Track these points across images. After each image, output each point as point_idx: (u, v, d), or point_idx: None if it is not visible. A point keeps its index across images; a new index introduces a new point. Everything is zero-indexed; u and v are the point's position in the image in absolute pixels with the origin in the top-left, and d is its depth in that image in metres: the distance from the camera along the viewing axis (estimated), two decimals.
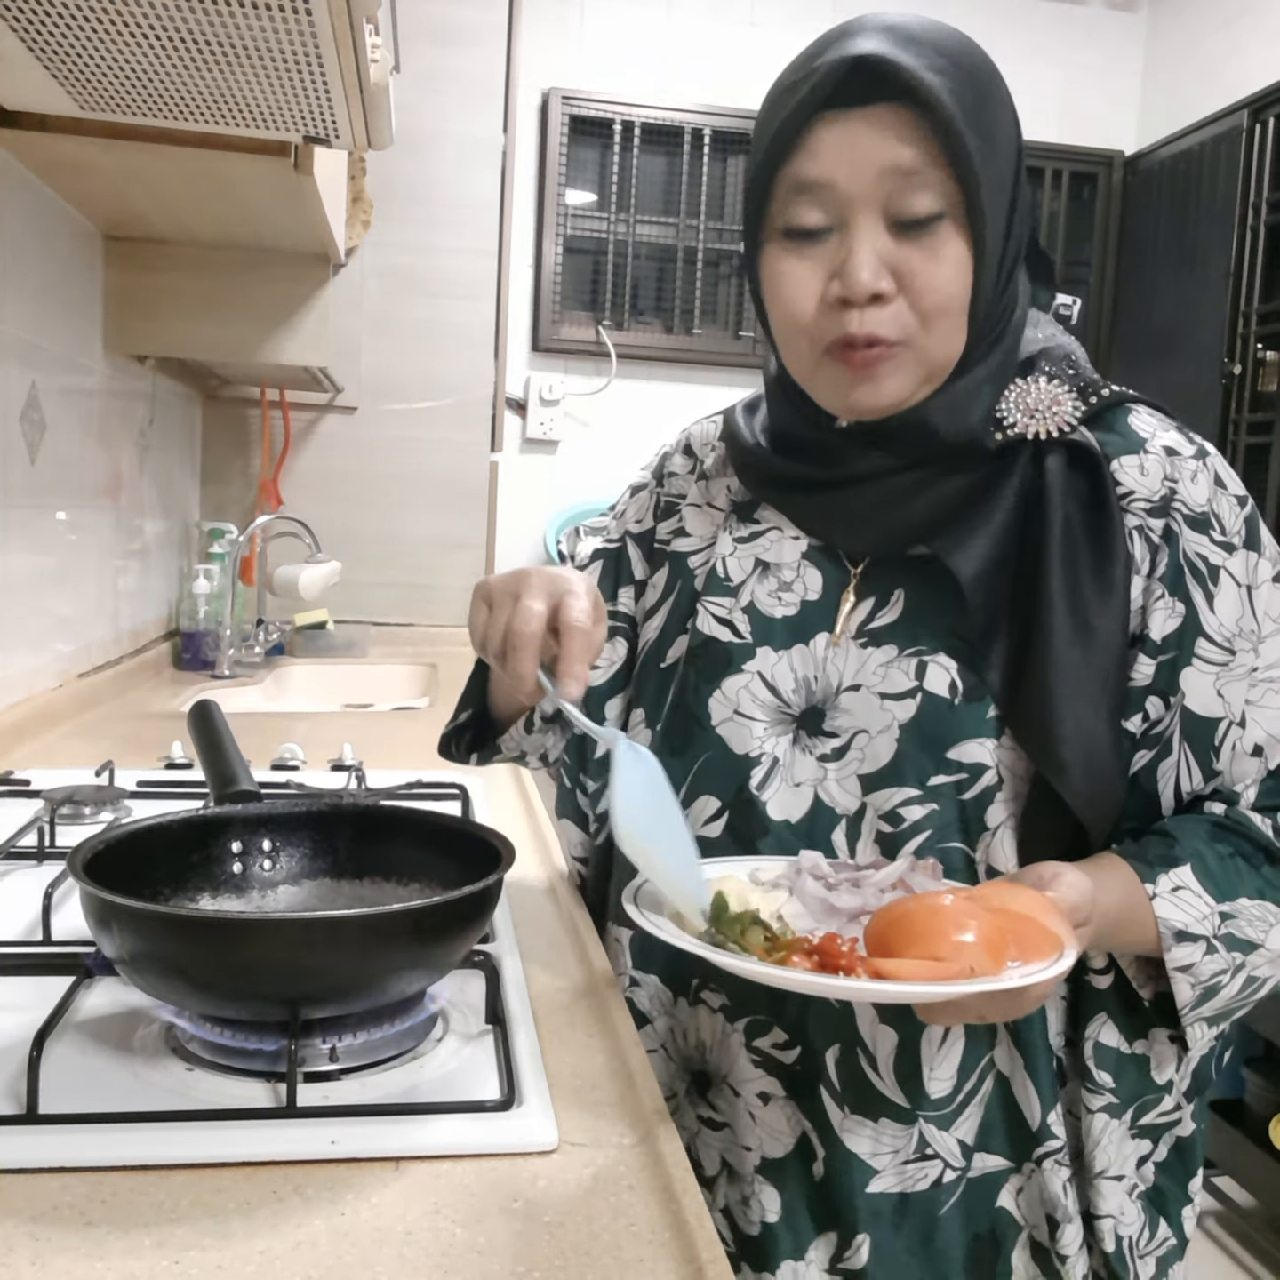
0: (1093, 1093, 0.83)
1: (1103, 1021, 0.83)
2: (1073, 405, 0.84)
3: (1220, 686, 0.81)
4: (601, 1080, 0.74)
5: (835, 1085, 0.83)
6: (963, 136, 0.76)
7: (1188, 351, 3.15)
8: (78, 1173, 0.61)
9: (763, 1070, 0.86)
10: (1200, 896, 0.77)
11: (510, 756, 1.02)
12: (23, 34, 1.12)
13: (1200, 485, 0.82)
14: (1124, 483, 0.82)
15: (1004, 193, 0.80)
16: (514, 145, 2.91)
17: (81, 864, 0.72)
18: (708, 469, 0.99)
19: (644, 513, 1.02)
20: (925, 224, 0.78)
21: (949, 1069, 0.82)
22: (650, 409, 3.29)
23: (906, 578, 0.86)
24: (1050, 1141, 0.82)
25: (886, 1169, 0.82)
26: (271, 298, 2.11)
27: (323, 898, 0.88)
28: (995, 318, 0.83)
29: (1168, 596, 0.80)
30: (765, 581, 0.91)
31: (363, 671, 2.67)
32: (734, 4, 3.25)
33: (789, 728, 0.87)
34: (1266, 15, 3.03)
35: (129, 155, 1.49)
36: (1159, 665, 0.80)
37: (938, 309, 0.79)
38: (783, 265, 0.82)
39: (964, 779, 0.81)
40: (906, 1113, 0.82)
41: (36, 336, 1.68)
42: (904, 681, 0.83)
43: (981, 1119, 0.83)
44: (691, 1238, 0.59)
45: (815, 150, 0.79)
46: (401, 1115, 0.67)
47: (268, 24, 1.06)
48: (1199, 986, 0.78)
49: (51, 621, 1.81)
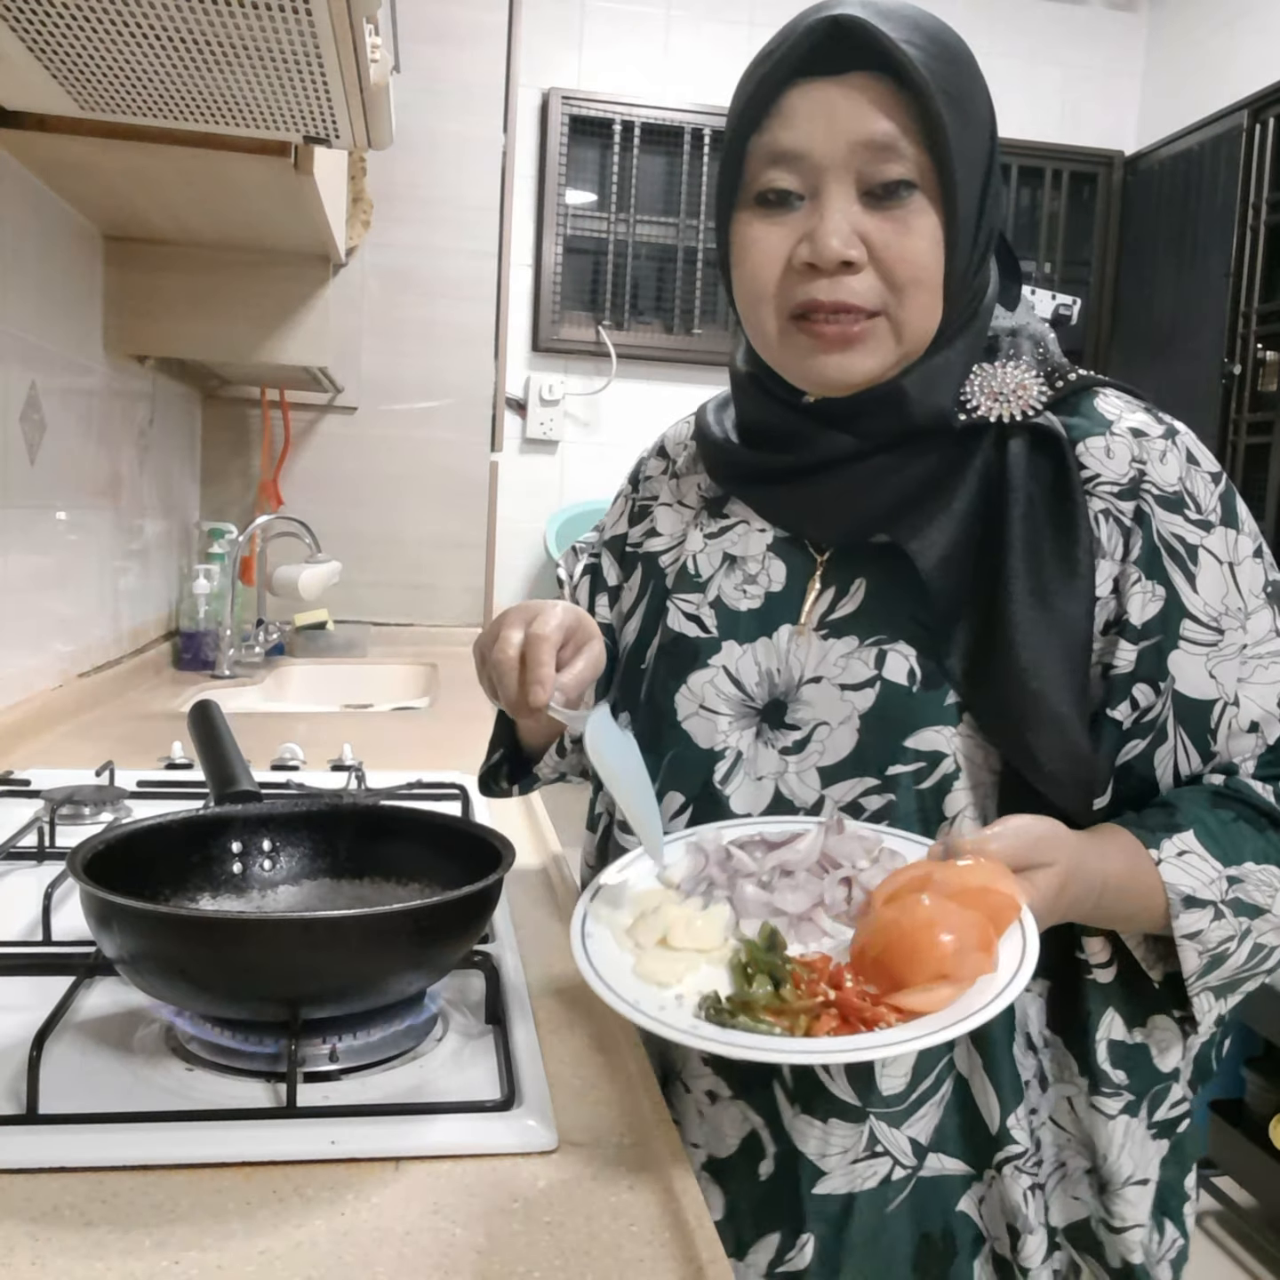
0: (1110, 1096, 0.81)
1: (1111, 1019, 0.82)
2: (1038, 390, 0.83)
3: (1212, 667, 0.80)
4: (601, 1080, 0.74)
5: (788, 1081, 0.82)
6: (938, 109, 0.76)
7: (1188, 351, 3.15)
8: (78, 1173, 0.61)
9: (711, 1069, 0.84)
10: (1206, 861, 0.76)
11: (552, 780, 1.03)
12: (23, 34, 1.12)
13: (1170, 465, 0.81)
14: (1089, 465, 0.81)
15: (977, 172, 0.80)
16: (514, 145, 2.91)
17: (81, 864, 0.72)
18: (679, 468, 0.99)
19: (618, 518, 1.03)
20: (897, 194, 0.77)
21: (902, 1066, 0.80)
22: (650, 409, 3.29)
23: (868, 566, 0.85)
24: (1010, 1146, 0.80)
25: (835, 1170, 0.81)
26: (271, 298, 2.11)
27: (323, 898, 0.88)
28: (969, 297, 0.83)
29: (1144, 579, 0.79)
30: (732, 575, 0.90)
31: (363, 671, 2.67)
32: (734, 4, 3.25)
33: (753, 721, 0.86)
34: (1266, 15, 3.03)
35: (129, 155, 1.49)
36: (1142, 651, 0.79)
37: (910, 280, 0.78)
38: (753, 232, 0.81)
39: (922, 768, 0.80)
40: (857, 1110, 0.80)
41: (36, 336, 1.68)
42: (864, 671, 0.82)
43: (939, 1120, 0.81)
44: (691, 1238, 0.59)
45: (790, 118, 0.78)
46: (401, 1115, 0.67)
47: (268, 24, 1.06)
48: (1206, 954, 0.76)
49: (51, 621, 1.81)
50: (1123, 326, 3.47)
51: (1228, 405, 2.97)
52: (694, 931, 0.71)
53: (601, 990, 0.65)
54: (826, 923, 0.72)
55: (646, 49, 3.25)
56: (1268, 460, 2.84)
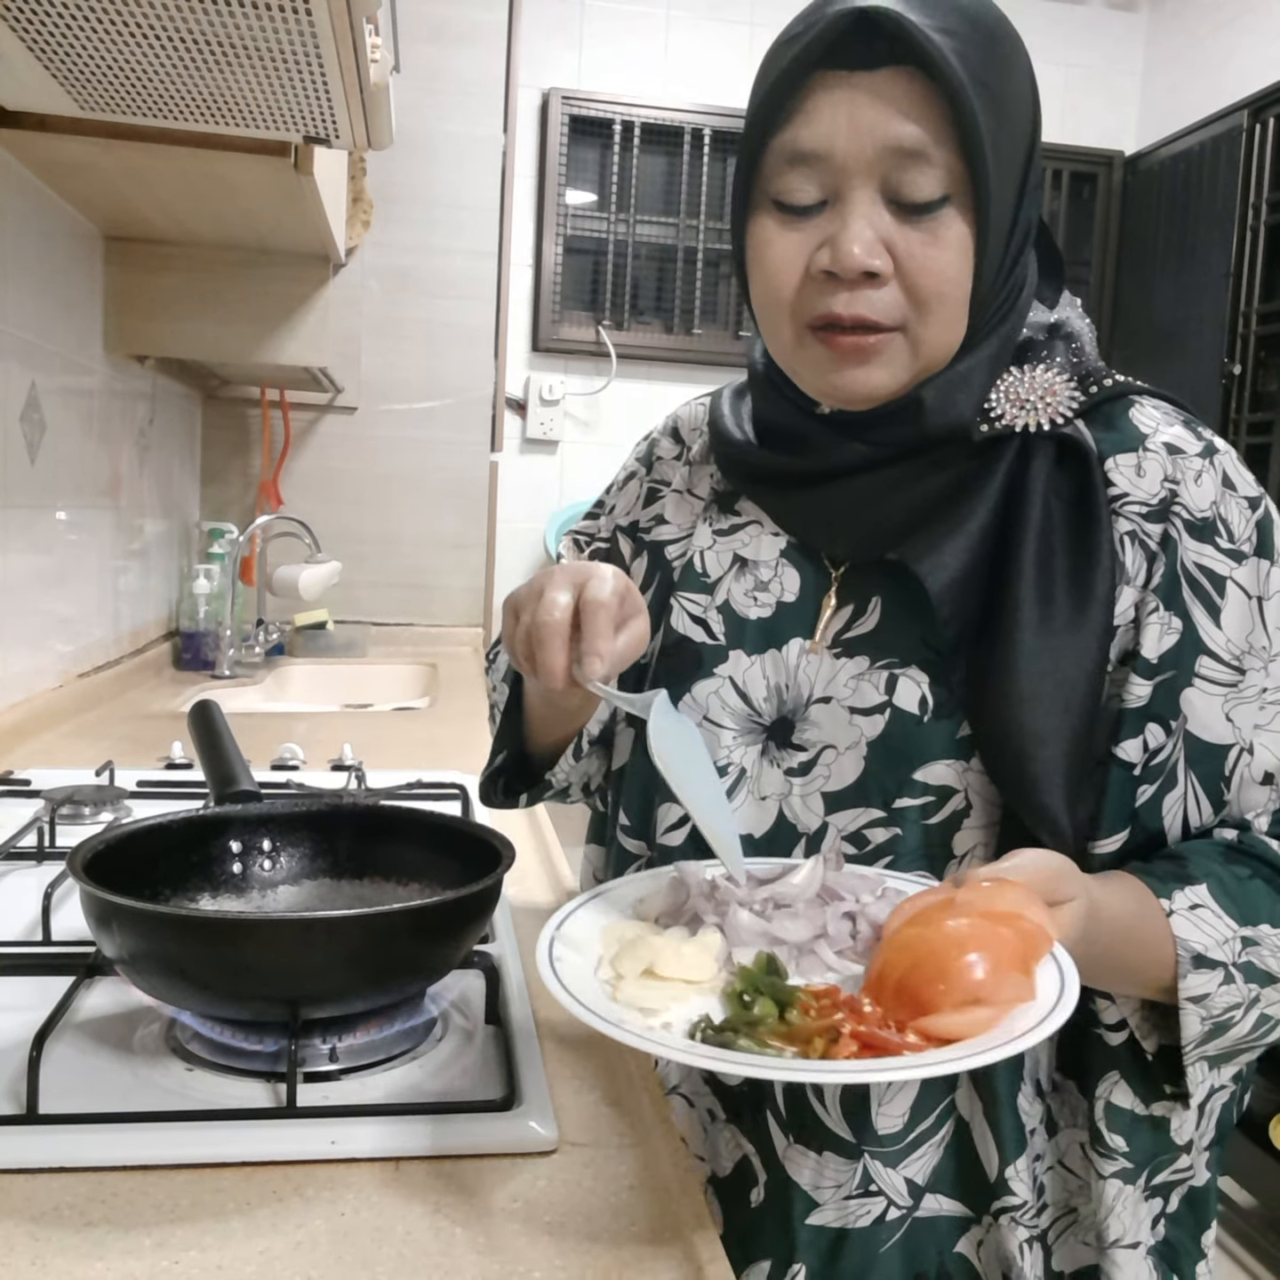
0: (1104, 1157, 0.77)
1: (1114, 1081, 0.77)
2: (1069, 396, 0.78)
3: (1229, 710, 0.74)
4: (601, 1080, 0.74)
5: (781, 1111, 0.79)
6: (973, 110, 0.70)
7: (1188, 351, 3.15)
8: (78, 1173, 0.61)
9: (710, 1088, 0.82)
10: (1220, 918, 0.70)
11: (562, 787, 0.93)
12: (23, 34, 1.12)
13: (1205, 487, 0.75)
14: (1117, 483, 0.76)
15: (1015, 171, 0.74)
16: (514, 145, 2.91)
17: (81, 864, 0.72)
18: (693, 455, 0.94)
19: (633, 502, 0.97)
20: (927, 207, 0.72)
21: (900, 1106, 0.77)
22: (650, 409, 3.29)
23: (883, 584, 0.81)
24: (1008, 1197, 0.75)
25: (828, 1203, 0.77)
26: (271, 298, 2.11)
27: (323, 898, 0.88)
28: (996, 304, 0.78)
29: (1162, 610, 0.74)
30: (742, 579, 0.85)
31: (363, 671, 2.67)
32: (734, 4, 3.25)
33: (759, 738, 0.82)
34: (1266, 15, 3.03)
35: (129, 155, 1.49)
36: (1155, 686, 0.73)
37: (935, 295, 0.73)
38: (769, 235, 0.76)
39: (930, 802, 0.76)
40: (851, 1147, 0.77)
41: (36, 336, 1.68)
42: (873, 695, 0.78)
43: (937, 1161, 0.77)
44: (691, 1238, 0.59)
45: (812, 116, 0.73)
46: (401, 1115, 0.67)
47: (268, 24, 1.06)
48: (1209, 1021, 0.71)
49: (51, 621, 1.81)
50: (1122, 326, 3.47)
51: (1228, 405, 2.97)
52: (684, 960, 0.63)
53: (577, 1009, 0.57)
54: (830, 956, 0.65)
55: (646, 49, 3.25)
56: (1268, 460, 2.84)
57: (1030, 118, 0.76)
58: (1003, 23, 0.75)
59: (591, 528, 1.00)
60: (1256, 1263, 2.29)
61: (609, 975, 0.63)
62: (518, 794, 0.94)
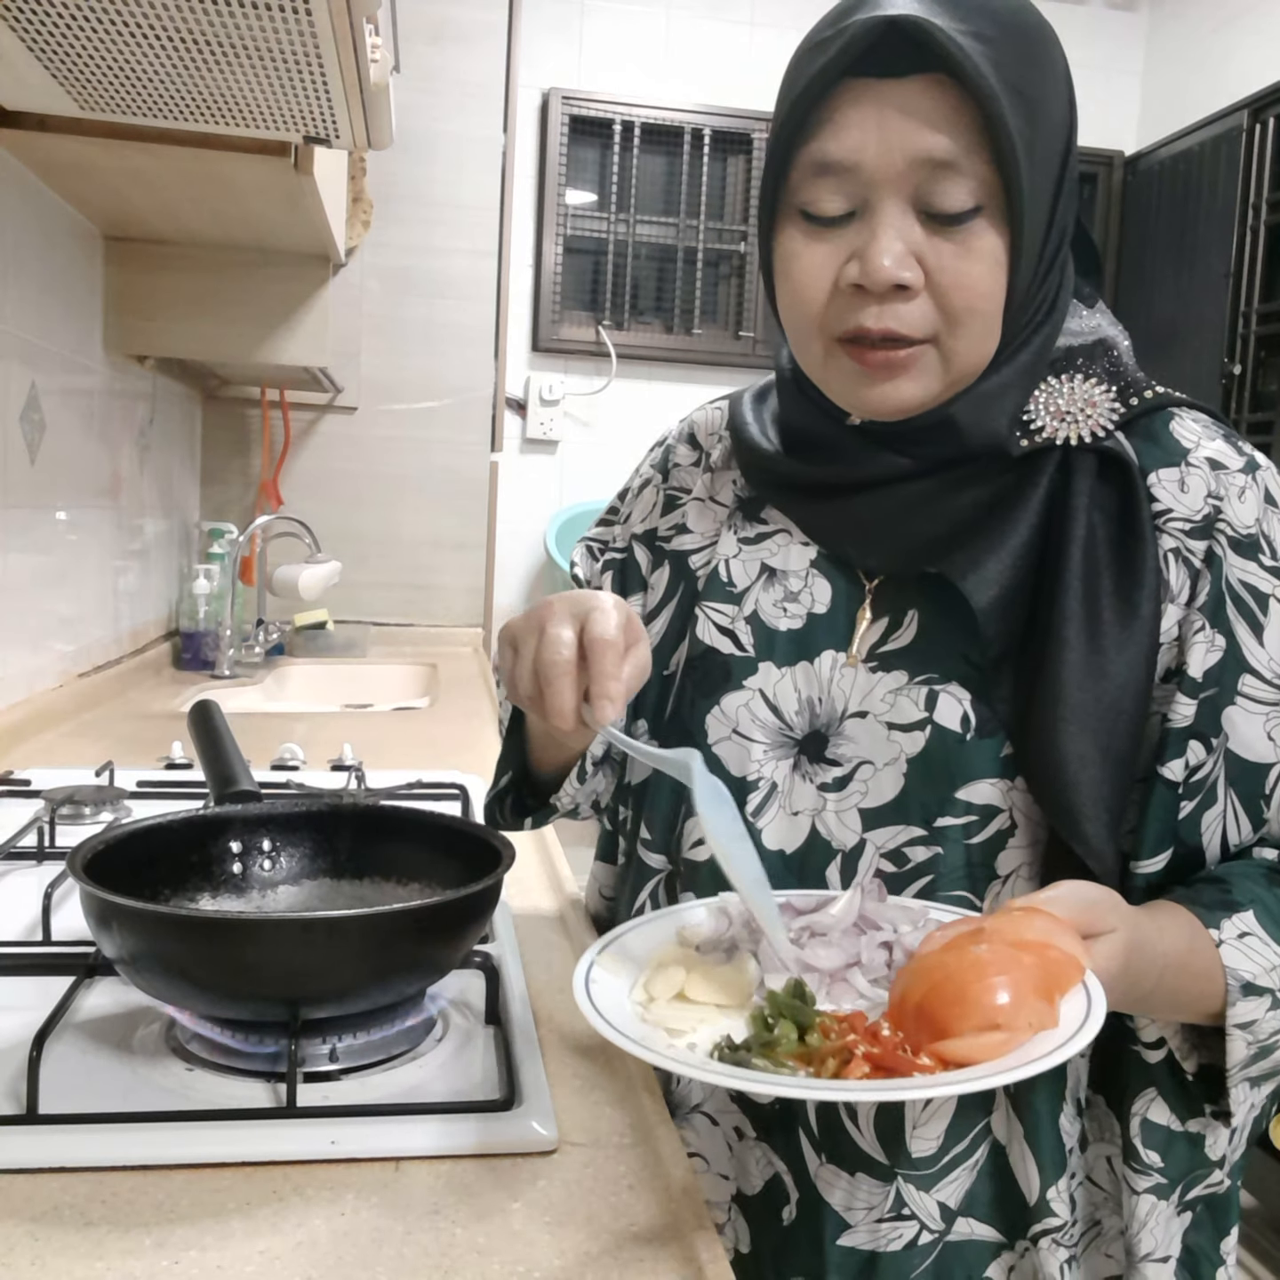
0: (1139, 1173, 0.76)
1: (1151, 1098, 0.76)
2: (1109, 408, 0.76)
3: (1270, 729, 0.73)
4: (601, 1080, 0.74)
5: (814, 1131, 0.78)
6: (1004, 119, 0.68)
7: (1188, 351, 3.15)
8: (78, 1173, 0.61)
9: (738, 1106, 0.81)
10: (1268, 945, 0.70)
11: (568, 809, 0.91)
12: (23, 34, 1.12)
13: (1249, 503, 0.74)
14: (1160, 499, 0.75)
15: (1050, 177, 0.73)
16: (514, 145, 2.91)
17: (81, 864, 0.72)
18: (714, 461, 0.91)
19: (649, 510, 0.94)
20: (958, 218, 0.71)
21: (935, 1129, 0.76)
22: (650, 409, 3.29)
23: (919, 597, 0.79)
24: (1049, 1219, 0.74)
25: (860, 1225, 0.77)
26: (271, 298, 2.11)
27: (323, 898, 0.88)
28: (1031, 313, 0.76)
29: (1208, 629, 0.72)
30: (771, 589, 0.83)
31: (362, 671, 2.67)
32: (734, 4, 3.25)
33: (790, 751, 0.81)
34: (1266, 15, 3.03)
35: (129, 155, 1.49)
36: (1200, 704, 0.72)
37: (967, 309, 0.72)
38: (796, 246, 0.75)
39: (973, 821, 0.74)
40: (884, 1169, 0.76)
41: (36, 336, 1.68)
42: (913, 711, 0.76)
43: (970, 1185, 0.76)
44: (691, 1238, 0.59)
45: (840, 127, 0.71)
46: (401, 1115, 0.67)
47: (268, 24, 1.06)
48: (1255, 1045, 0.71)
49: (51, 621, 1.81)
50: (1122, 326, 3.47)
51: (1228, 405, 2.97)
52: (716, 985, 0.64)
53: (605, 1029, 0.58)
54: (862, 983, 0.65)
55: (646, 48, 3.25)
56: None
57: (1066, 119, 0.75)
58: (1038, 25, 0.73)
59: (605, 535, 0.97)
60: (1257, 1263, 2.30)
61: (642, 998, 0.64)
62: (527, 814, 0.93)
